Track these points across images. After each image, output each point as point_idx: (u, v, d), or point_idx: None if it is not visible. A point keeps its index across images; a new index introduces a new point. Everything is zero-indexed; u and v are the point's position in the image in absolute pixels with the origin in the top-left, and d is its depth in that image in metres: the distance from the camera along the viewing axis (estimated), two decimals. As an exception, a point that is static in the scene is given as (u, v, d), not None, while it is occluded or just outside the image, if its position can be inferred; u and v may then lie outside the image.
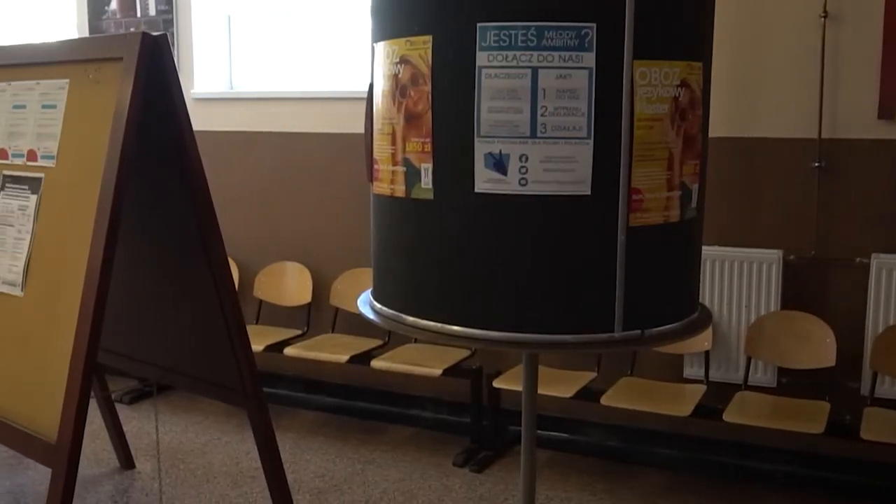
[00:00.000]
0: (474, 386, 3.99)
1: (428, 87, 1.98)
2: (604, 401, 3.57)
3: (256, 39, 4.87)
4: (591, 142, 1.89)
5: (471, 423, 4.07)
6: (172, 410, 4.53)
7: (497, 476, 3.78)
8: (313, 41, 4.71)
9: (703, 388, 3.67)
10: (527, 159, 1.90)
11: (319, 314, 4.54)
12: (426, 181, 2.02)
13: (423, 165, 2.02)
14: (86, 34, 4.99)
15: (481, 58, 1.90)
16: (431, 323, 2.09)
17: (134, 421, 4.36)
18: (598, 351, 3.54)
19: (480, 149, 1.93)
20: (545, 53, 1.87)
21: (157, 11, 4.76)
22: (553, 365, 3.95)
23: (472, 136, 1.93)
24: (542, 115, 1.88)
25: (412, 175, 2.05)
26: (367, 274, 4.28)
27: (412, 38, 2.01)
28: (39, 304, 2.70)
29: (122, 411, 4.19)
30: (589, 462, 3.94)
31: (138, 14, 4.82)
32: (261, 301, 4.64)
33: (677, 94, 1.97)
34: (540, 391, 2.59)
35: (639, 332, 2.01)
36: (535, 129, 1.89)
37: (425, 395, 4.38)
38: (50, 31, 5.42)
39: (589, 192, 1.90)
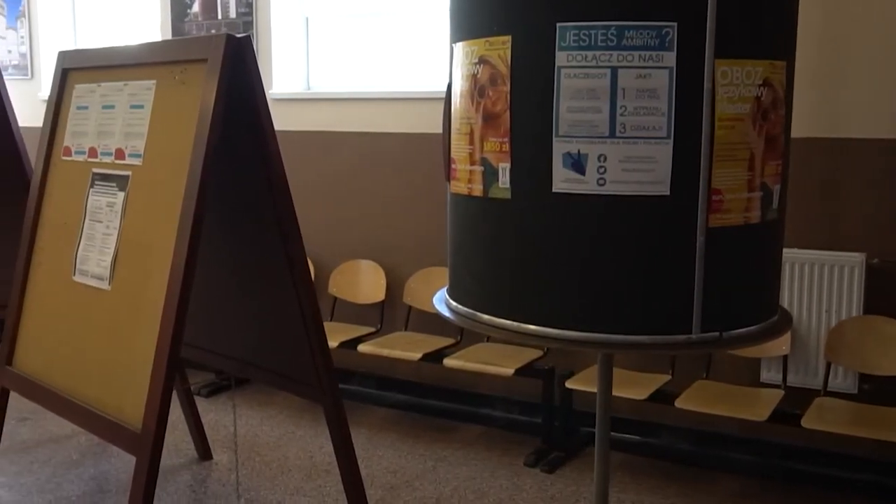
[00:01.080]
0: (546, 386, 3.98)
1: (507, 88, 1.99)
2: (678, 403, 3.53)
3: (334, 40, 4.94)
4: (671, 142, 1.88)
5: (542, 423, 4.06)
6: (248, 404, 4.62)
7: (568, 477, 3.76)
8: (390, 42, 4.76)
9: (780, 392, 3.60)
10: (605, 159, 1.90)
11: (392, 312, 4.58)
12: (504, 181, 2.03)
13: (501, 165, 2.03)
14: (168, 36, 5.13)
15: (560, 58, 1.91)
16: (507, 322, 2.10)
17: (211, 413, 4.46)
18: (676, 353, 3.50)
19: (559, 149, 1.93)
20: (625, 53, 1.87)
21: (238, 14, 4.86)
22: (626, 366, 3.92)
23: (551, 135, 1.93)
24: (621, 115, 1.88)
25: (490, 174, 2.06)
26: (440, 273, 4.36)
27: (491, 39, 2.02)
28: (125, 298, 2.79)
29: (200, 404, 4.29)
30: (661, 465, 3.90)
31: (219, 16, 4.93)
32: (335, 298, 4.70)
33: (759, 94, 1.94)
34: (613, 393, 2.57)
35: (717, 334, 1.99)
36: (615, 129, 1.88)
37: (496, 395, 4.39)
38: (135, 34, 5.58)
39: (668, 193, 1.89)
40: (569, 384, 3.78)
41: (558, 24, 1.90)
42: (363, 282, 4.64)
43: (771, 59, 1.96)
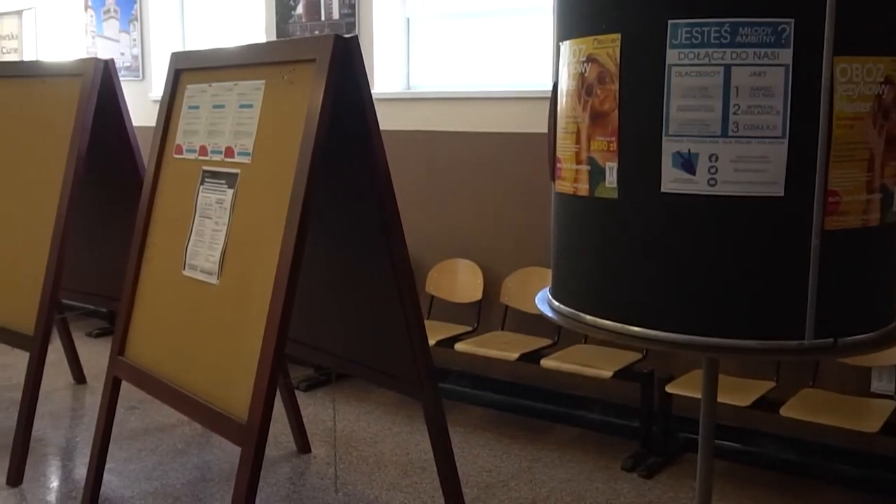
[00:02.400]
0: (645, 390, 3.92)
1: (615, 86, 1.97)
2: (783, 412, 3.43)
3: (435, 40, 4.97)
4: (786, 141, 1.83)
5: (640, 427, 4.00)
6: (346, 399, 4.69)
7: (666, 483, 3.70)
8: (490, 42, 4.76)
9: (892, 403, 3.46)
10: (717, 159, 1.86)
11: (489, 311, 4.59)
12: (610, 180, 2.01)
13: (608, 164, 2.01)
14: (273, 37, 5.25)
15: (671, 55, 1.88)
16: (611, 323, 2.08)
17: (310, 407, 4.54)
18: (787, 359, 3.39)
19: (668, 148, 1.90)
20: (739, 50, 1.83)
21: (341, 15, 4.94)
22: (729, 372, 3.83)
23: (660, 134, 1.91)
24: (734, 114, 1.84)
25: (596, 174, 2.04)
26: (538, 273, 4.35)
27: (600, 37, 2.00)
28: (233, 293, 2.87)
29: (299, 398, 4.37)
30: (764, 475, 3.79)
31: (322, 17, 5.01)
32: (432, 296, 4.73)
33: (880, 92, 1.88)
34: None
35: (831, 340, 1.93)
36: (727, 128, 1.85)
37: (593, 397, 4.35)
38: (240, 36, 5.73)
39: (782, 194, 1.84)
40: (669, 388, 3.72)
41: (670, 22, 1.87)
42: (460, 281, 4.66)
43: (893, 55, 1.89)
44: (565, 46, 2.14)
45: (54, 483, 3.70)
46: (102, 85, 3.73)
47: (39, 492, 3.59)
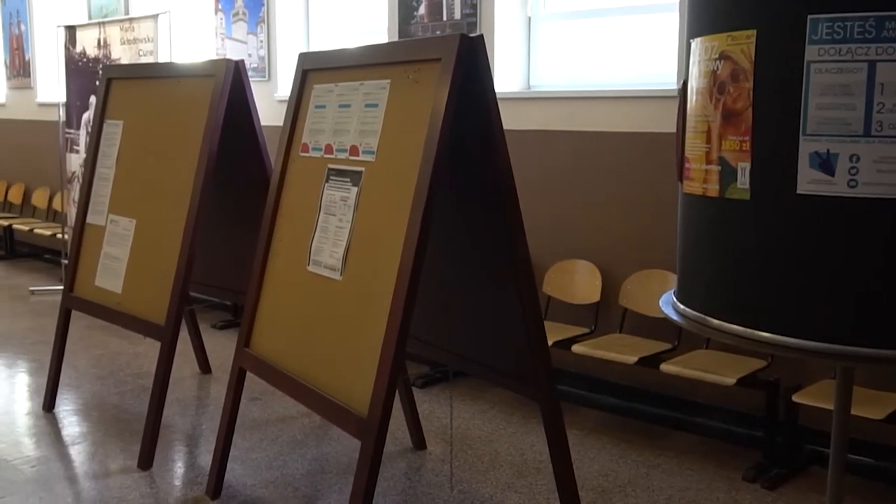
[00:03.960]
0: (770, 398, 3.80)
1: (749, 84, 1.91)
2: (920, 426, 3.27)
3: (556, 39, 4.94)
4: (935, 141, 1.74)
5: (763, 437, 3.88)
6: (461, 397, 4.71)
7: (790, 496, 3.57)
8: (614, 40, 4.70)
9: None
10: (858, 159, 1.78)
11: (607, 313, 4.53)
12: (743, 181, 1.95)
13: (741, 164, 1.95)
14: (395, 38, 5.31)
15: (811, 52, 1.81)
16: (738, 328, 2.02)
17: (425, 404, 4.58)
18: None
19: (805, 148, 1.83)
20: (884, 46, 1.74)
21: (462, 15, 4.96)
22: (860, 382, 3.67)
23: (797, 134, 1.84)
24: (878, 112, 1.76)
25: (727, 174, 1.98)
26: (658, 275, 4.27)
27: (734, 33, 1.95)
28: (356, 289, 2.92)
29: (415, 394, 4.41)
30: (897, 491, 3.62)
31: (444, 17, 5.05)
32: (549, 297, 4.71)
33: None
34: (851, 409, 2.41)
35: (980, 352, 1.82)
36: (870, 128, 1.76)
37: (714, 404, 4.24)
38: (363, 37, 5.82)
39: (929, 197, 1.75)
40: (795, 398, 3.59)
41: (809, 17, 1.80)
42: (578, 282, 4.61)
43: None
44: (696, 43, 2.09)
45: (181, 468, 3.84)
46: (233, 85, 3.85)
47: (167, 476, 3.74)
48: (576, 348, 4.21)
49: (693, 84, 2.12)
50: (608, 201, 4.53)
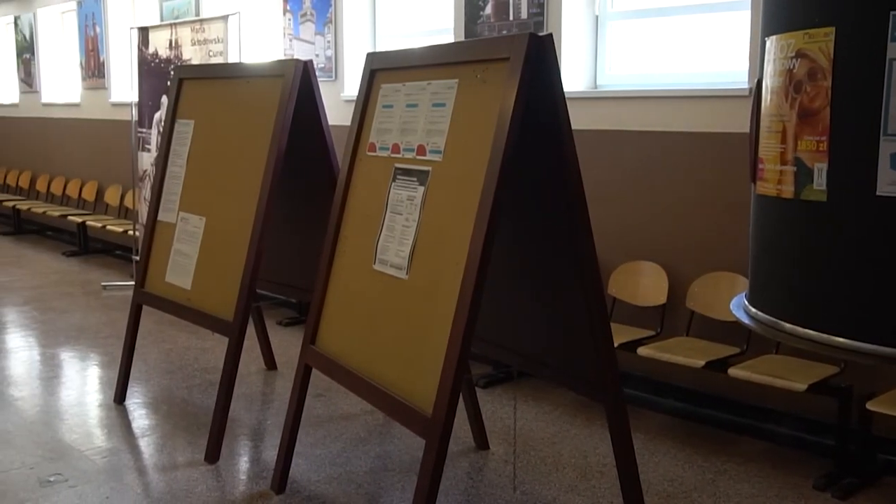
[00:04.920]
0: (842, 406, 3.70)
1: (827, 83, 1.87)
2: None
3: (624, 38, 4.89)
4: None
5: (835, 445, 3.78)
6: (524, 398, 4.69)
7: (863, 506, 3.49)
8: (683, 38, 4.64)
9: None
10: (942, 161, 1.73)
11: (673, 316, 4.46)
12: (819, 182, 1.91)
13: (817, 165, 1.91)
14: (461, 37, 5.31)
15: (893, 49, 1.76)
16: (812, 332, 1.98)
17: (488, 404, 4.57)
18: None
19: (886, 148, 1.78)
20: (971, 43, 1.69)
21: (529, 14, 4.94)
22: (937, 391, 3.56)
23: (878, 134, 1.79)
24: (964, 112, 1.70)
25: (803, 175, 1.94)
26: (727, 278, 4.20)
27: (811, 31, 1.90)
28: (422, 288, 2.92)
29: (478, 394, 4.40)
30: (976, 504, 3.50)
31: (511, 17, 5.03)
32: (614, 298, 4.66)
33: None
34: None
35: None
36: (955, 128, 1.71)
37: (783, 410, 4.15)
38: (429, 38, 5.84)
39: None
40: (869, 405, 3.49)
41: (892, 13, 1.75)
42: (644, 283, 4.56)
43: None
44: (772, 42, 2.05)
45: (246, 463, 3.90)
46: (301, 85, 3.90)
47: (233, 470, 3.79)
48: (641, 351, 4.16)
49: (767, 83, 2.07)
50: (676, 202, 4.46)
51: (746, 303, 2.27)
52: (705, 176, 4.32)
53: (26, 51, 10.75)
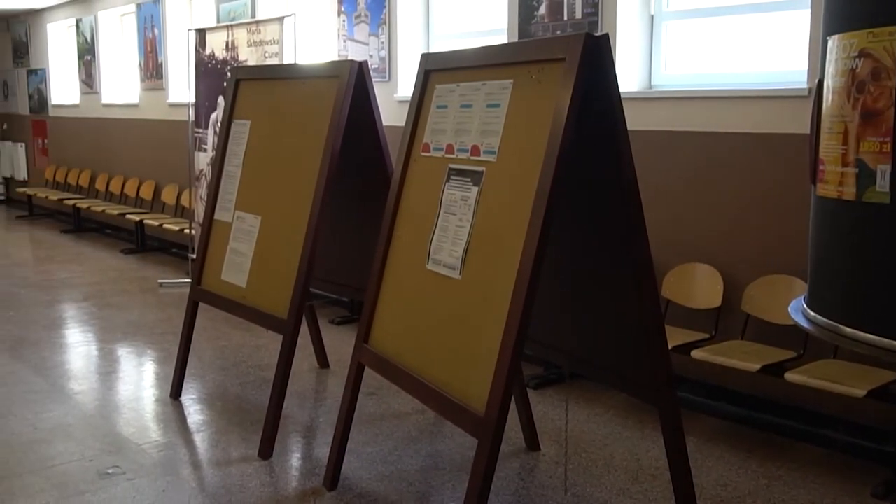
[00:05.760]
0: (902, 412, 3.63)
1: (892, 83, 1.83)
2: None
3: (680, 37, 4.85)
4: None
5: (894, 452, 3.71)
6: (575, 400, 4.68)
7: (924, 515, 3.41)
8: (740, 38, 4.58)
9: None
10: None
11: (728, 319, 4.41)
12: (882, 184, 1.87)
13: (880, 167, 1.87)
14: (515, 38, 5.31)
15: (961, 49, 1.72)
16: (874, 337, 1.94)
17: (539, 406, 4.56)
18: None
19: (952, 150, 1.75)
20: None
21: (584, 14, 4.92)
22: None
23: (944, 135, 1.75)
24: None
25: (865, 177, 1.91)
26: (784, 281, 4.14)
27: (875, 30, 1.87)
28: (475, 288, 2.93)
29: (529, 395, 4.40)
30: None
31: (565, 17, 5.02)
32: (668, 301, 4.62)
33: None
34: None
35: None
36: None
37: (840, 416, 4.08)
38: (482, 38, 5.84)
39: None
40: (931, 412, 3.42)
41: (960, 12, 1.72)
42: (698, 286, 4.51)
43: None
44: (834, 41, 2.02)
45: (299, 459, 3.94)
46: (356, 86, 3.93)
47: (286, 466, 3.84)
48: (695, 354, 4.12)
49: (829, 83, 2.04)
50: (732, 204, 4.41)
51: (805, 306, 2.24)
52: (762, 177, 4.26)
53: (87, 53, 10.99)
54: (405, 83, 6.26)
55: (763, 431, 4.27)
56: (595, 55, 2.64)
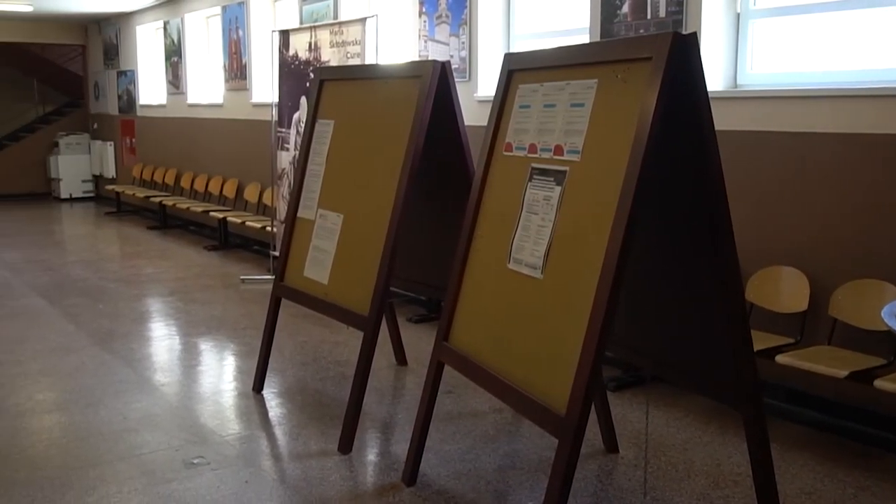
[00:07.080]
0: None
1: None
2: None
3: (768, 35, 4.75)
4: None
5: None
6: (655, 403, 4.62)
7: None
8: (830, 36, 4.47)
9: None
10: None
11: (815, 324, 4.30)
12: None
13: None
14: (598, 37, 5.27)
15: None
16: (974, 345, 1.88)
17: (618, 408, 4.52)
18: None
19: None
20: None
21: (667, 13, 4.86)
22: None
23: None
24: None
25: (968, 179, 1.85)
26: (875, 286, 4.03)
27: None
28: (557, 288, 2.92)
29: (608, 398, 4.36)
30: None
31: (648, 16, 4.96)
32: (752, 304, 4.53)
33: None
34: None
35: None
36: None
37: (932, 426, 3.95)
38: (564, 38, 5.82)
39: None
40: None
41: None
42: (784, 289, 4.41)
43: None
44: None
45: (377, 455, 3.99)
46: (438, 86, 3.95)
47: (365, 461, 3.89)
48: (780, 359, 4.03)
49: (930, 82, 1.98)
50: (820, 206, 4.30)
51: (900, 311, 2.17)
52: (852, 179, 4.15)
53: (174, 54, 11.29)
54: (485, 83, 6.27)
55: (850, 440, 4.15)
56: (683, 54, 2.61)
